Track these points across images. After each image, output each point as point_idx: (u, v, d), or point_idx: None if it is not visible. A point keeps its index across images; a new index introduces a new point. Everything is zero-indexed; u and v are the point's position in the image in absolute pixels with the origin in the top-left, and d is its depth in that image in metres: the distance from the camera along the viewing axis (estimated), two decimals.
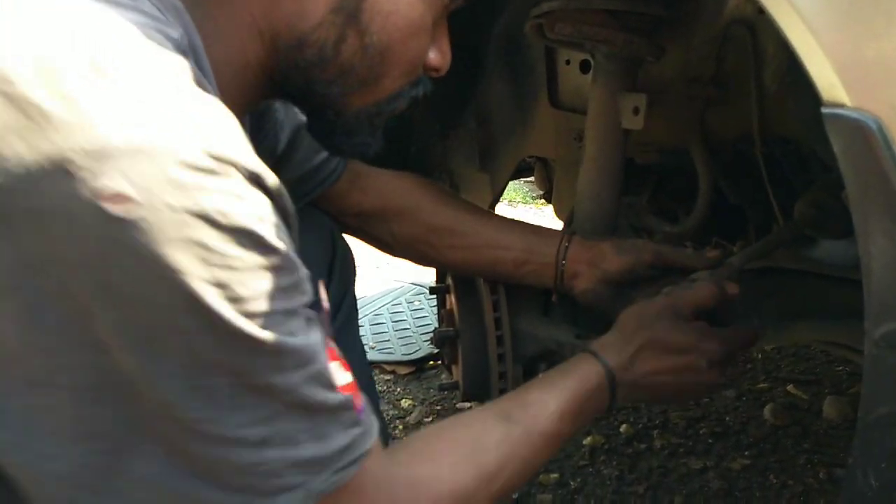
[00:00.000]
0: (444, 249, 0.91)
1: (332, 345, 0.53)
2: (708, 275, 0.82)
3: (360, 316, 1.94)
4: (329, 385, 0.46)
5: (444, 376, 1.50)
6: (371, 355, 1.75)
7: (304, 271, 0.46)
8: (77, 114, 0.36)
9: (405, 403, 1.58)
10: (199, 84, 0.43)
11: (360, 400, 0.50)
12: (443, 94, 1.28)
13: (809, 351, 1.75)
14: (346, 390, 0.48)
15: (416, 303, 2.07)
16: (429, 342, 1.46)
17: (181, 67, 0.43)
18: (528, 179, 1.80)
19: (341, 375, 0.49)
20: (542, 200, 2.92)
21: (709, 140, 0.97)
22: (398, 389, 1.63)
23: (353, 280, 0.95)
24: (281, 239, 0.42)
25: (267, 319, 0.41)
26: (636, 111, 0.88)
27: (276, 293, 0.42)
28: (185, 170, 0.38)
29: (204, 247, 0.38)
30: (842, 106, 0.46)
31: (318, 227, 0.88)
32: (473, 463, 0.58)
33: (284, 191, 0.45)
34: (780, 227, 0.97)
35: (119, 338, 0.38)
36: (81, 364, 0.38)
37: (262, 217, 0.41)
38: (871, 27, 0.46)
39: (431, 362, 1.73)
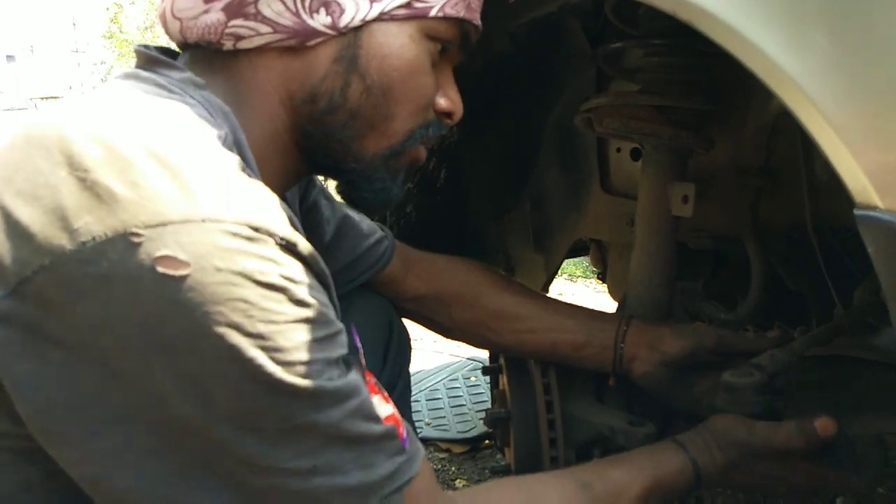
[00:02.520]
0: (503, 333, 0.93)
1: (373, 380, 0.56)
2: (768, 356, 0.81)
3: (416, 391, 1.96)
4: (371, 417, 0.50)
5: (498, 457, 1.49)
6: (426, 432, 1.76)
7: (339, 326, 0.50)
8: (140, 195, 0.42)
9: (459, 484, 1.57)
10: (243, 170, 0.49)
11: (404, 429, 0.54)
12: (499, 179, 1.33)
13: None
14: (389, 421, 0.52)
15: (473, 378, 2.07)
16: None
17: (227, 157, 0.49)
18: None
19: (383, 408, 0.52)
20: None
21: (762, 228, 0.98)
22: (452, 468, 1.62)
23: (408, 361, 0.97)
24: (314, 296, 0.47)
25: (305, 367, 0.45)
26: (685, 199, 0.90)
27: (313, 344, 0.46)
28: (228, 237, 0.43)
29: (246, 302, 0.43)
30: (874, 208, 0.48)
31: (376, 310, 0.92)
32: None
33: (318, 257, 0.50)
34: (841, 313, 0.95)
35: (175, 385, 0.43)
36: (149, 407, 0.43)
37: (294, 278, 0.46)
38: None
39: (487, 441, 1.72)
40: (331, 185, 0.83)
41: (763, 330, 0.98)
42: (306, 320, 0.46)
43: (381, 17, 0.58)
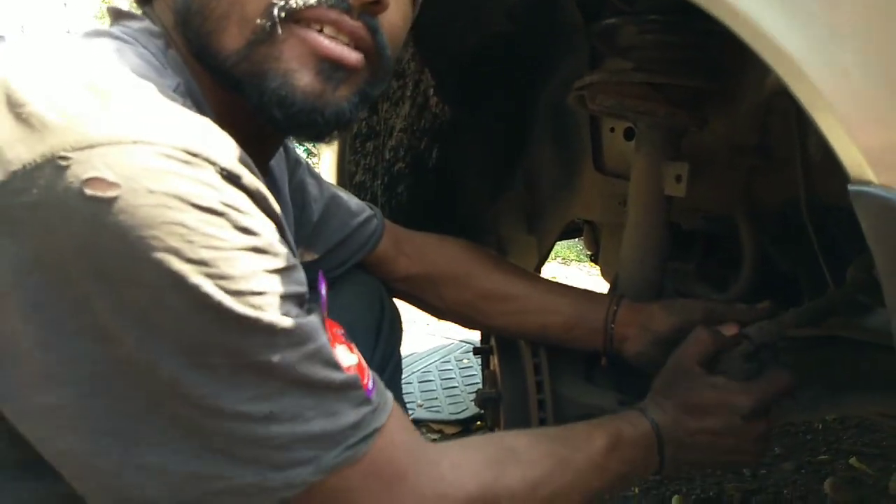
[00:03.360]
0: (493, 314, 0.93)
1: (340, 331, 0.55)
2: (756, 327, 0.81)
3: (409, 374, 1.96)
4: (331, 364, 0.48)
5: None
6: (418, 413, 1.76)
7: (294, 261, 0.48)
8: (70, 119, 0.41)
9: None
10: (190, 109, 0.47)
11: (370, 380, 0.52)
12: (491, 160, 1.32)
13: (875, 422, 1.68)
14: (352, 371, 0.50)
15: (465, 361, 2.08)
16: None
17: (171, 93, 0.47)
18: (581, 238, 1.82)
19: (347, 357, 0.51)
20: None
21: (755, 207, 0.97)
22: None
23: (399, 342, 0.97)
24: (262, 227, 0.45)
25: (256, 298, 0.43)
26: (679, 179, 0.89)
27: (264, 274, 0.44)
28: (161, 158, 0.41)
29: (184, 226, 0.41)
30: (868, 183, 0.47)
31: (367, 290, 0.91)
32: (514, 462, 0.58)
33: (269, 198, 0.47)
34: (833, 292, 0.95)
35: (118, 321, 0.40)
36: (85, 355, 0.41)
37: (237, 206, 0.43)
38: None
39: (479, 423, 1.73)
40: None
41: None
42: (255, 249, 0.44)
43: None
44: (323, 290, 0.66)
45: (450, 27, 0.99)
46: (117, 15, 0.57)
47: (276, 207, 0.48)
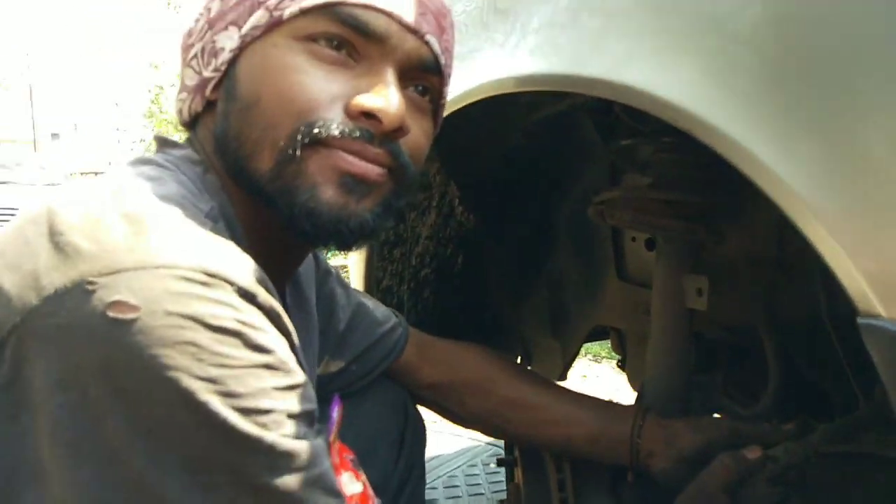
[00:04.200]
0: (516, 423, 0.92)
1: (350, 457, 0.55)
2: (783, 448, 0.79)
3: (434, 477, 1.92)
4: (331, 491, 0.49)
5: None
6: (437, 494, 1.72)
7: (303, 378, 0.49)
8: (102, 248, 0.44)
9: None
10: (219, 234, 0.50)
11: None
12: (516, 266, 1.34)
13: None
14: (355, 499, 0.51)
15: (492, 465, 2.03)
16: None
17: (198, 217, 0.50)
18: None
19: (352, 485, 0.52)
20: None
21: (778, 319, 0.97)
22: None
23: (423, 452, 0.97)
24: (274, 344, 0.47)
25: (264, 417, 0.45)
26: (699, 292, 0.90)
27: (273, 391, 0.46)
28: (181, 282, 0.44)
29: (195, 345, 0.43)
30: (877, 317, 0.48)
31: (391, 399, 0.92)
32: None
33: (282, 315, 0.49)
34: (863, 407, 0.93)
35: (128, 438, 0.42)
36: (94, 478, 0.43)
37: (252, 323, 0.46)
38: None
39: None
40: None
41: (784, 423, 0.96)
42: (265, 366, 0.46)
43: (245, 42, 0.58)
44: (335, 413, 0.67)
45: (472, 146, 1.03)
46: (162, 143, 0.63)
47: (290, 326, 0.51)
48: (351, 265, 1.24)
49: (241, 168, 0.58)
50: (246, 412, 0.44)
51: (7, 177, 9.17)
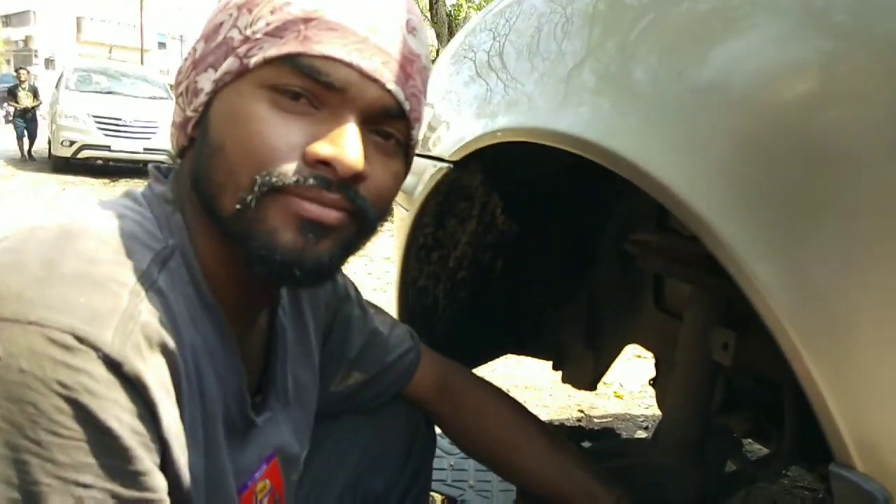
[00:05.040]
0: (515, 481, 0.97)
1: None
2: None
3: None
4: None
5: None
6: (468, 496, 1.77)
7: (146, 467, 0.49)
8: (3, 289, 0.47)
9: None
10: (145, 283, 0.52)
11: None
12: (557, 273, 1.34)
13: None
14: None
15: None
16: None
17: (136, 264, 0.52)
18: None
19: None
20: None
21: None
22: None
23: (430, 464, 1.00)
24: (122, 425, 0.48)
25: (80, 490, 0.46)
26: (725, 347, 0.88)
27: (98, 469, 0.47)
28: (45, 342, 0.46)
29: (35, 407, 0.45)
30: (851, 469, 0.47)
31: (406, 411, 0.93)
32: None
33: (150, 386, 0.50)
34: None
35: None
36: None
37: (102, 396, 0.47)
38: (886, 393, 0.46)
39: None
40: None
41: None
42: (100, 445, 0.47)
43: (218, 87, 0.59)
44: (261, 473, 0.69)
45: (517, 160, 1.02)
46: (153, 177, 0.65)
47: (156, 397, 0.51)
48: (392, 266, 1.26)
49: (209, 207, 0.60)
50: (62, 481, 0.46)
51: (112, 87, 9.64)
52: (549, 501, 0.90)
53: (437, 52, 9.46)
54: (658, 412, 1.38)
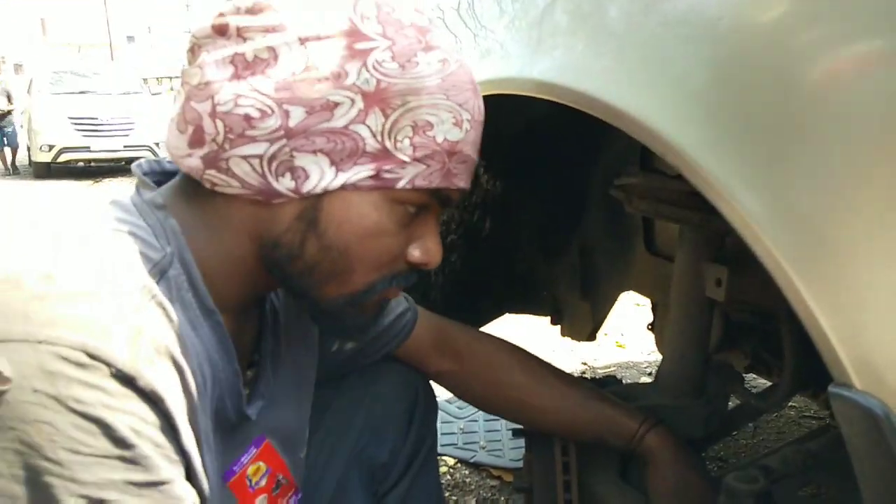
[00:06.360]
0: (524, 421, 0.96)
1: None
2: (779, 457, 0.77)
3: (475, 411, 1.99)
4: None
5: None
6: (479, 456, 1.79)
7: (168, 476, 0.49)
8: (3, 314, 0.46)
9: None
10: (147, 293, 0.51)
11: None
12: (547, 225, 1.33)
13: None
14: None
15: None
16: None
17: (126, 282, 0.51)
18: None
19: None
20: None
21: None
22: (501, 499, 1.65)
23: (434, 427, 1.00)
24: (141, 437, 0.47)
25: None
26: (718, 283, 0.88)
27: (122, 485, 0.46)
28: (57, 360, 0.45)
29: (52, 426, 0.44)
30: (849, 387, 0.46)
31: (403, 379, 0.94)
32: None
33: (165, 397, 0.49)
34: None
35: None
36: None
37: (120, 409, 0.46)
38: (879, 311, 0.46)
39: None
40: None
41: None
42: (120, 458, 0.46)
43: (345, 187, 0.58)
44: (248, 457, 0.70)
45: (494, 114, 1.01)
46: (141, 183, 0.62)
47: (172, 408, 0.50)
48: None
49: (298, 283, 0.62)
50: (89, 500, 0.45)
51: (85, 86, 9.48)
52: (569, 439, 0.91)
53: None
54: (660, 357, 1.38)
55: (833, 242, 0.46)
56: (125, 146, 8.72)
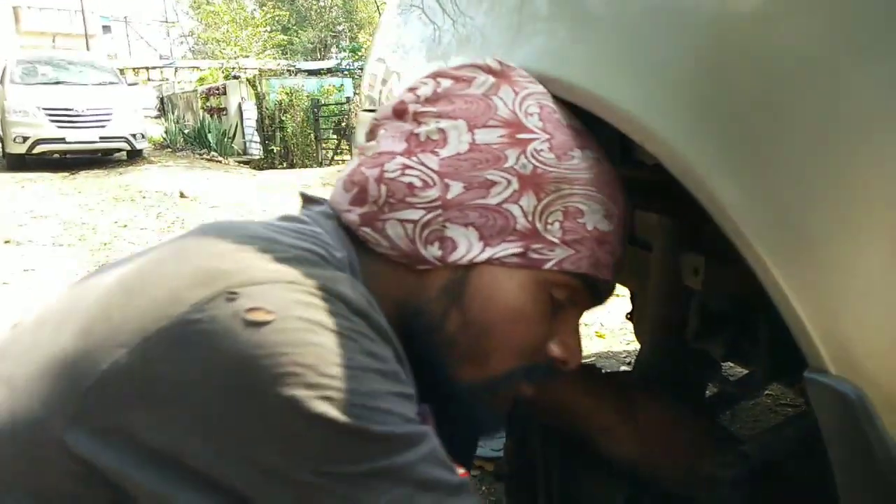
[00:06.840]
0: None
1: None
2: (758, 443, 0.78)
3: None
4: (446, 465, 0.53)
5: None
6: (483, 451, 1.79)
7: (411, 391, 0.53)
8: (242, 266, 0.51)
9: None
10: (341, 270, 0.55)
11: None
12: None
13: None
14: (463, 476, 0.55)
15: None
16: None
17: (336, 258, 0.56)
18: None
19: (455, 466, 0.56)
20: None
21: None
22: (483, 488, 1.66)
23: None
24: (386, 355, 0.52)
25: (375, 413, 0.49)
26: (696, 272, 0.89)
27: (384, 393, 0.50)
28: (306, 294, 0.50)
29: (322, 346, 0.48)
30: (825, 373, 0.47)
31: None
32: None
33: (392, 337, 0.54)
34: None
35: (258, 436, 0.47)
36: (230, 468, 0.48)
37: (366, 334, 0.51)
38: (854, 298, 0.46)
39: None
40: None
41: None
42: (378, 371, 0.50)
43: (492, 262, 0.60)
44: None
45: None
46: (306, 200, 0.68)
47: (396, 341, 0.55)
48: None
49: (434, 358, 0.62)
50: (362, 408, 0.48)
51: (60, 77, 9.33)
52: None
53: None
54: (639, 346, 1.39)
55: (810, 231, 0.47)
56: (101, 137, 8.62)
